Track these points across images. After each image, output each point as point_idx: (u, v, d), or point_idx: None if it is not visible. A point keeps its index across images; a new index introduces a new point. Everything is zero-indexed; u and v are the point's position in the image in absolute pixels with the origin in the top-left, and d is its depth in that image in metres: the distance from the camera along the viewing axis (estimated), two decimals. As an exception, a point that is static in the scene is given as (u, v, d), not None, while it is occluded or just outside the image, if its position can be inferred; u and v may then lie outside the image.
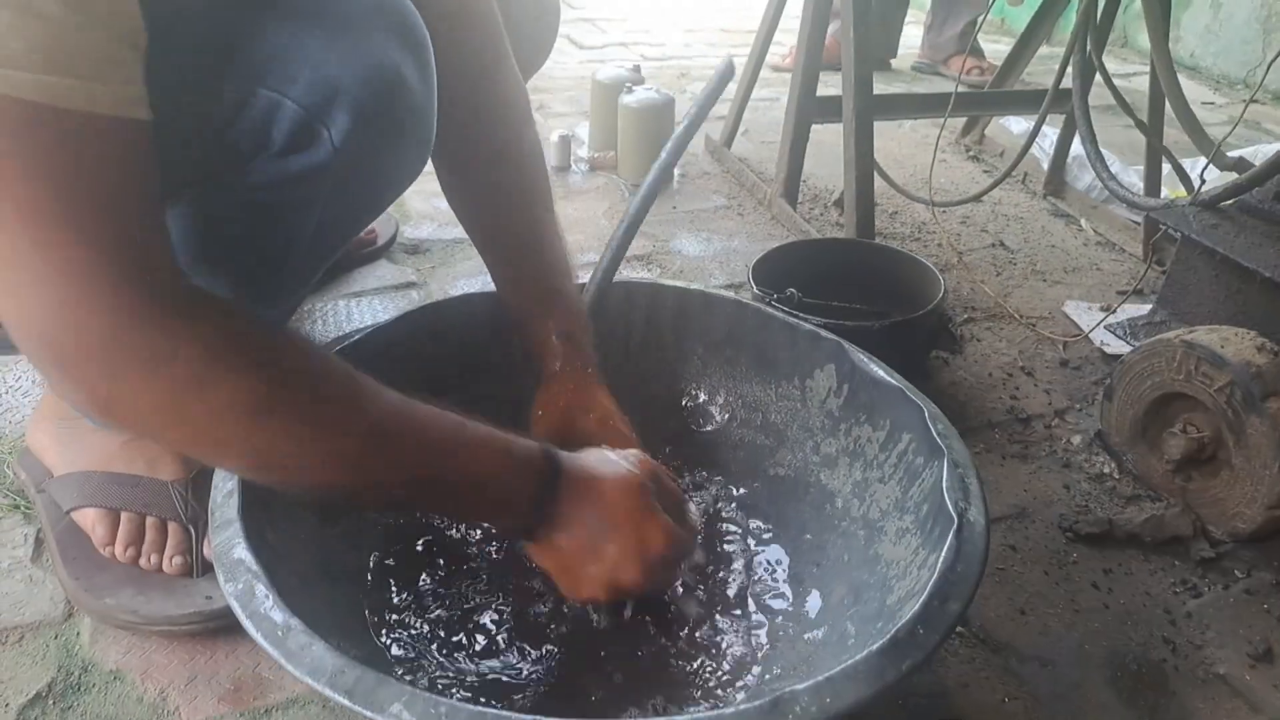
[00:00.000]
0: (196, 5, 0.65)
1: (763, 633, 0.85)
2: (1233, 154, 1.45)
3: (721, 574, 0.91)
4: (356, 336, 0.90)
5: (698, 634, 0.83)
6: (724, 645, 0.83)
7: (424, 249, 1.62)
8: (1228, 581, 1.02)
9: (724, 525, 0.97)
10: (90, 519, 0.88)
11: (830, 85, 1.63)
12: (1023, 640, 0.95)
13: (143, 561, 0.87)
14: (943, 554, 0.69)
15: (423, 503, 0.69)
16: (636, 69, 2.01)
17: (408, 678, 0.77)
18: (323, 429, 0.59)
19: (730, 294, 1.06)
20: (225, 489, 0.71)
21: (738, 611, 0.86)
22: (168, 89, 0.63)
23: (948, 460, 0.79)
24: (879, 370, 0.91)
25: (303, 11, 0.65)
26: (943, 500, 0.75)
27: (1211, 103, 2.69)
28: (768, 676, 0.80)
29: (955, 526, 0.71)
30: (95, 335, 0.51)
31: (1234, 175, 1.20)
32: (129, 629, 0.84)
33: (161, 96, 0.63)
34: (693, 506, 0.81)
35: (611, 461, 0.72)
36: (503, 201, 0.88)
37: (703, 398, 1.07)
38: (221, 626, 0.84)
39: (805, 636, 0.84)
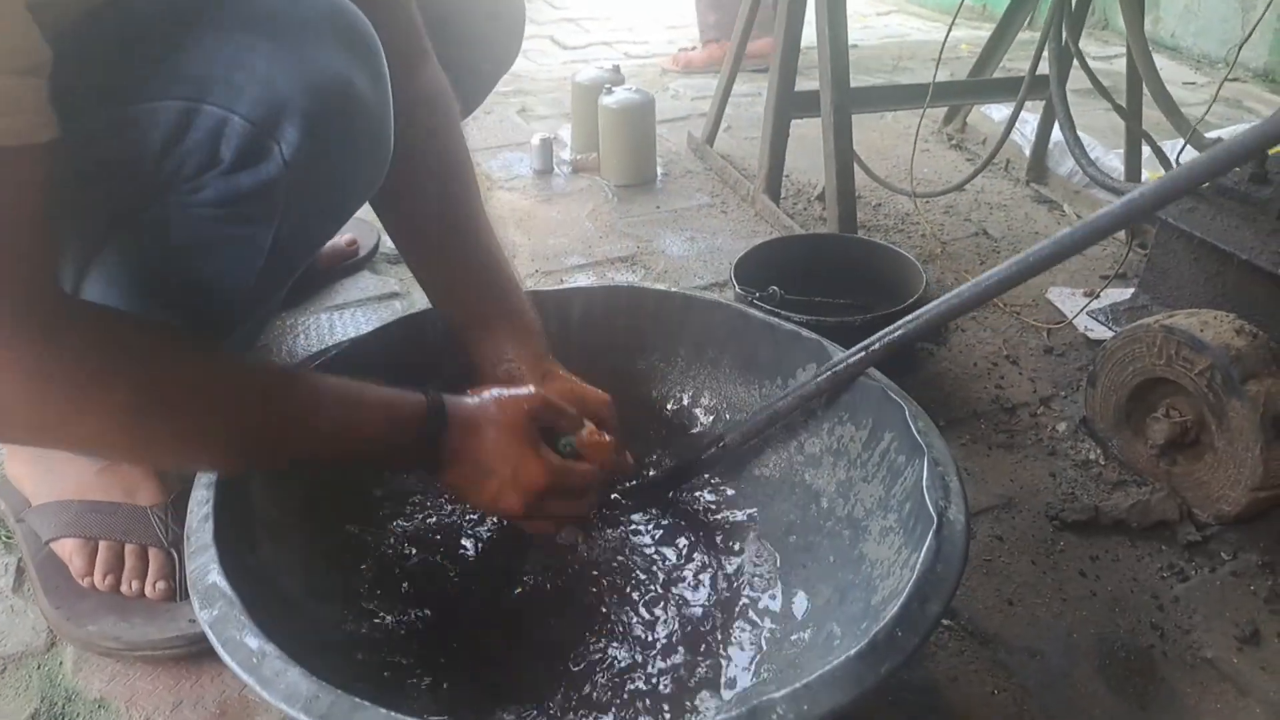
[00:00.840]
0: (136, 21, 0.65)
1: (748, 635, 0.85)
2: (1211, 135, 1.45)
3: (708, 575, 0.91)
4: (333, 352, 0.90)
5: (683, 637, 0.83)
6: (713, 648, 0.83)
7: (407, 258, 1.61)
8: (1214, 565, 1.02)
9: (712, 525, 0.97)
10: (68, 549, 0.87)
11: (810, 79, 1.63)
12: (1011, 631, 0.95)
13: (123, 588, 0.86)
14: (922, 554, 0.69)
15: (321, 465, 0.75)
16: (616, 69, 2.01)
17: (391, 694, 0.77)
18: (204, 424, 0.64)
19: (711, 296, 1.06)
20: (200, 513, 0.71)
21: (724, 614, 0.86)
22: (105, 109, 0.63)
23: (928, 458, 0.79)
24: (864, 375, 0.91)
25: (247, 23, 0.64)
26: (923, 499, 0.75)
27: (1193, 83, 2.68)
28: (754, 681, 0.80)
29: (935, 526, 0.71)
30: None
31: (1211, 157, 1.19)
32: (112, 656, 0.84)
33: (100, 117, 0.63)
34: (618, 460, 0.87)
35: (498, 400, 0.77)
36: (422, 212, 0.87)
37: (687, 400, 1.07)
38: (206, 649, 0.83)
39: (792, 638, 0.84)
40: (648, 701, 0.78)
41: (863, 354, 0.90)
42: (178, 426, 0.63)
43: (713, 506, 0.99)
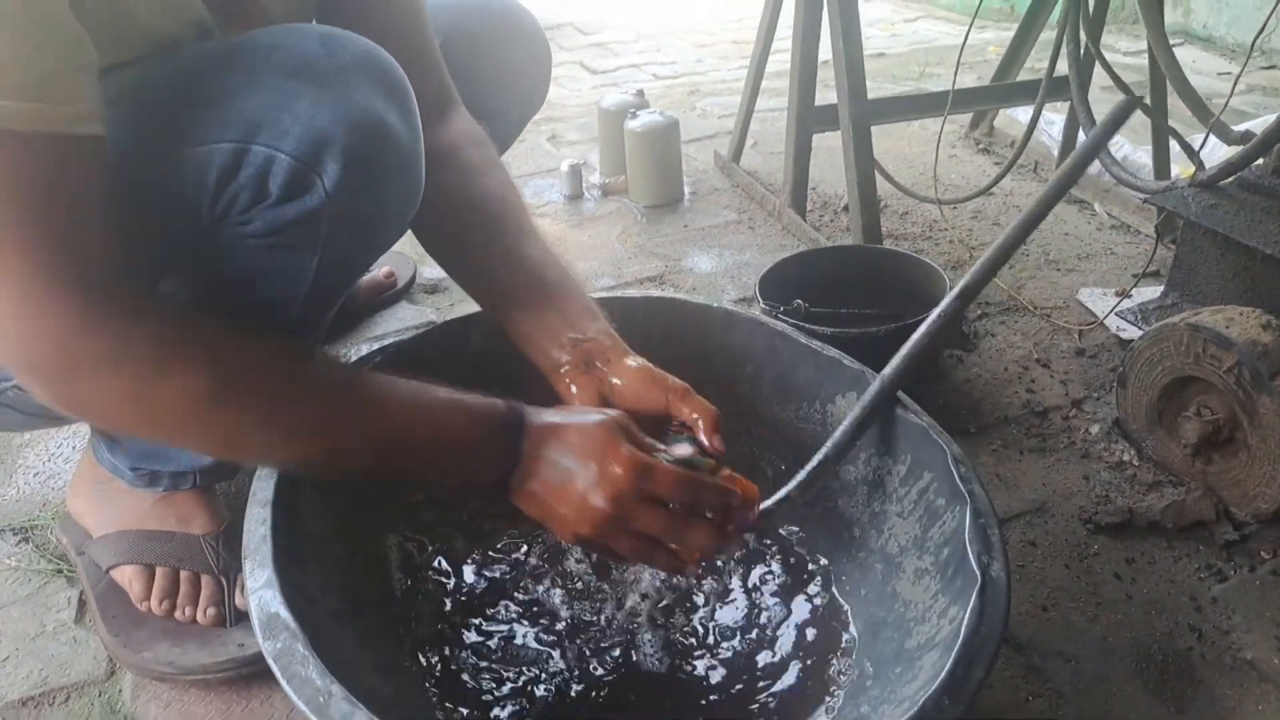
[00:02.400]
0: (187, 72, 0.71)
1: (782, 661, 0.86)
2: (1240, 127, 1.44)
3: (739, 598, 0.92)
4: (378, 358, 0.93)
5: (717, 668, 0.85)
6: (745, 678, 0.84)
7: (443, 288, 1.66)
8: (1253, 564, 1.01)
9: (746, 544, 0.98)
10: (127, 575, 0.93)
11: (831, 89, 1.64)
12: (1045, 637, 0.95)
13: (178, 614, 0.91)
14: (966, 615, 0.69)
15: (391, 470, 0.72)
16: (640, 93, 2.04)
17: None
18: (276, 410, 0.66)
19: (753, 313, 1.06)
20: (258, 534, 0.73)
21: (756, 637, 0.88)
22: (162, 153, 0.69)
23: (970, 509, 0.78)
24: (901, 406, 0.91)
25: (289, 70, 0.70)
26: (965, 551, 0.75)
27: (1227, 73, 2.64)
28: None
29: (979, 585, 0.71)
30: (50, 342, 0.58)
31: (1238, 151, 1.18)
32: (167, 680, 0.89)
33: (157, 161, 0.69)
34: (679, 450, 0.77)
35: (579, 410, 0.76)
36: (469, 240, 0.89)
37: (725, 413, 1.08)
38: (255, 672, 0.87)
39: (829, 671, 0.85)
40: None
41: (881, 383, 0.89)
42: (257, 415, 0.65)
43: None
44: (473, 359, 0.97)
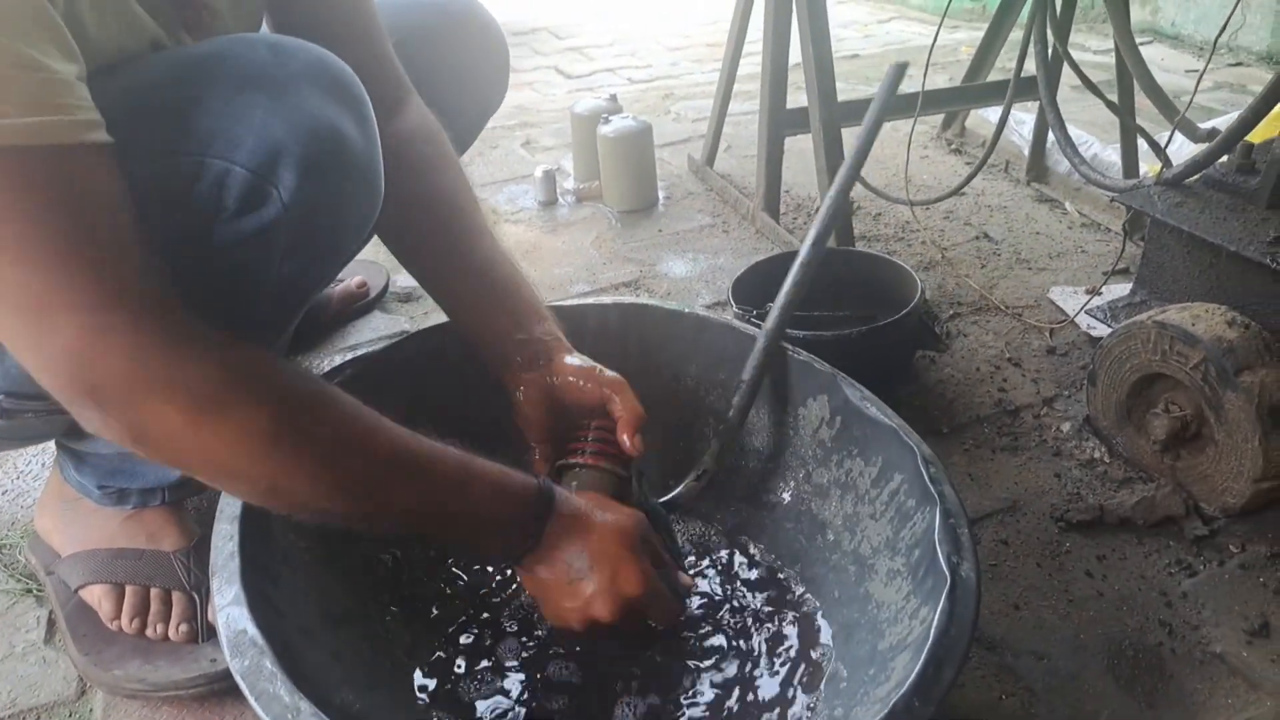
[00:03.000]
0: (138, 87, 0.69)
1: (760, 669, 0.86)
2: (1207, 124, 1.46)
3: (715, 600, 0.92)
4: (348, 370, 0.93)
5: (697, 671, 0.85)
6: (723, 682, 0.84)
7: (416, 296, 1.65)
8: (1222, 558, 1.02)
9: (715, 550, 0.98)
10: (97, 595, 0.91)
11: (803, 92, 1.64)
12: (1017, 635, 0.95)
13: (149, 632, 0.90)
14: (936, 615, 0.69)
15: (421, 533, 0.75)
16: (613, 98, 2.04)
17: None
18: (331, 461, 0.64)
19: (724, 318, 1.07)
20: (226, 550, 0.73)
21: (731, 643, 0.88)
22: (131, 165, 0.66)
23: (940, 510, 0.79)
24: (873, 408, 0.92)
25: (241, 81, 0.68)
26: (935, 552, 0.76)
27: (1194, 70, 2.66)
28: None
29: (949, 586, 0.71)
30: (115, 367, 0.56)
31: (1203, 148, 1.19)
32: (138, 697, 0.88)
33: (126, 172, 0.67)
34: (682, 576, 0.85)
35: (606, 506, 0.78)
36: (422, 238, 0.90)
37: (699, 420, 1.08)
38: (228, 688, 0.87)
39: (799, 675, 0.85)
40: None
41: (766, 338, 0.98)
42: (312, 465, 0.63)
43: (716, 530, 1.01)
44: (447, 369, 0.98)
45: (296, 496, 0.65)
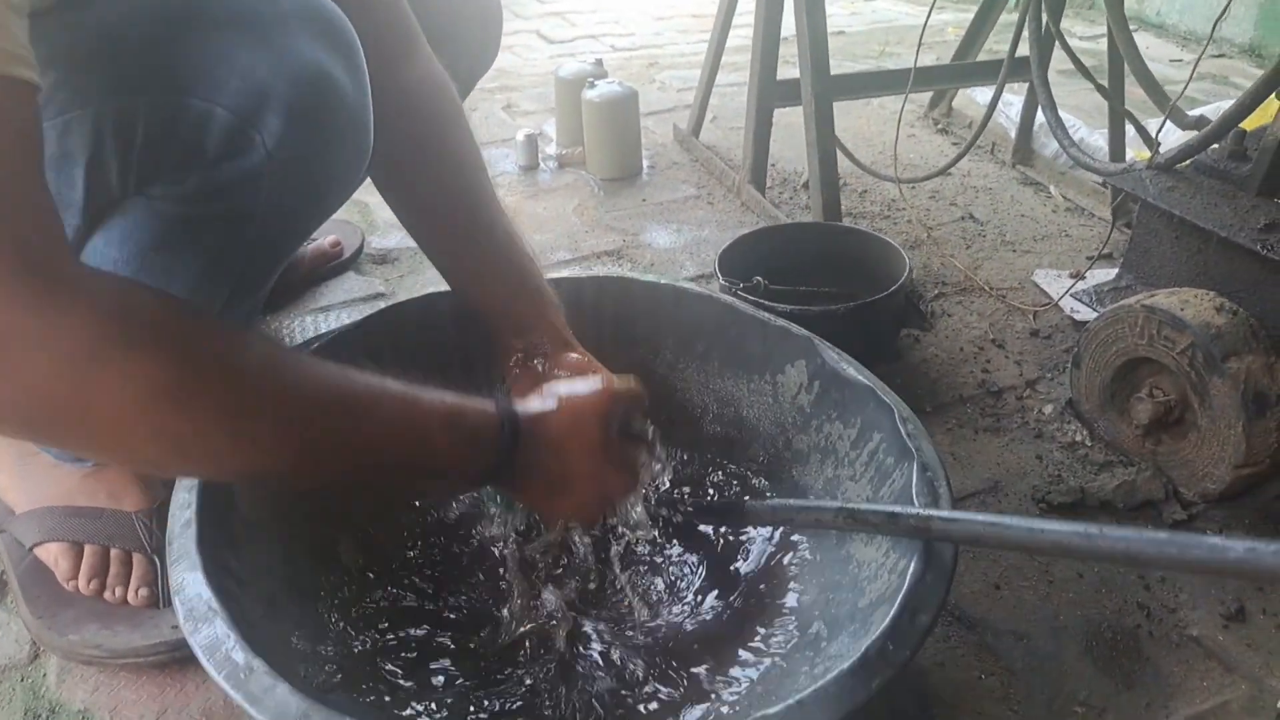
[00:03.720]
0: (117, 22, 0.65)
1: (739, 628, 0.85)
2: (1194, 112, 1.45)
3: (697, 568, 0.91)
4: (316, 344, 0.90)
5: (673, 631, 0.84)
6: (705, 646, 0.83)
7: (392, 258, 1.61)
8: (1200, 543, 1.03)
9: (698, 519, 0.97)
10: (53, 553, 0.88)
11: (791, 66, 1.62)
12: (997, 615, 0.95)
13: (107, 594, 0.87)
14: (912, 563, 0.68)
15: (371, 485, 0.67)
16: (599, 63, 2.00)
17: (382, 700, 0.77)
18: (243, 412, 0.54)
19: (701, 288, 1.06)
20: (182, 519, 0.70)
21: (714, 608, 0.87)
22: (89, 106, 0.63)
23: (917, 463, 0.78)
24: (850, 369, 0.90)
25: (227, 20, 0.65)
26: (912, 504, 0.75)
27: (1179, 60, 2.67)
28: (746, 687, 0.79)
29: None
30: None
31: (1195, 134, 1.19)
32: (95, 664, 0.85)
33: (84, 115, 0.63)
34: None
35: (570, 404, 0.71)
36: (431, 197, 0.86)
37: (677, 393, 1.07)
38: (189, 656, 0.83)
39: (777, 635, 0.84)
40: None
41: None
42: (221, 418, 0.54)
43: (699, 498, 0.99)
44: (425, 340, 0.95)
45: (205, 457, 0.55)
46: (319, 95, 0.67)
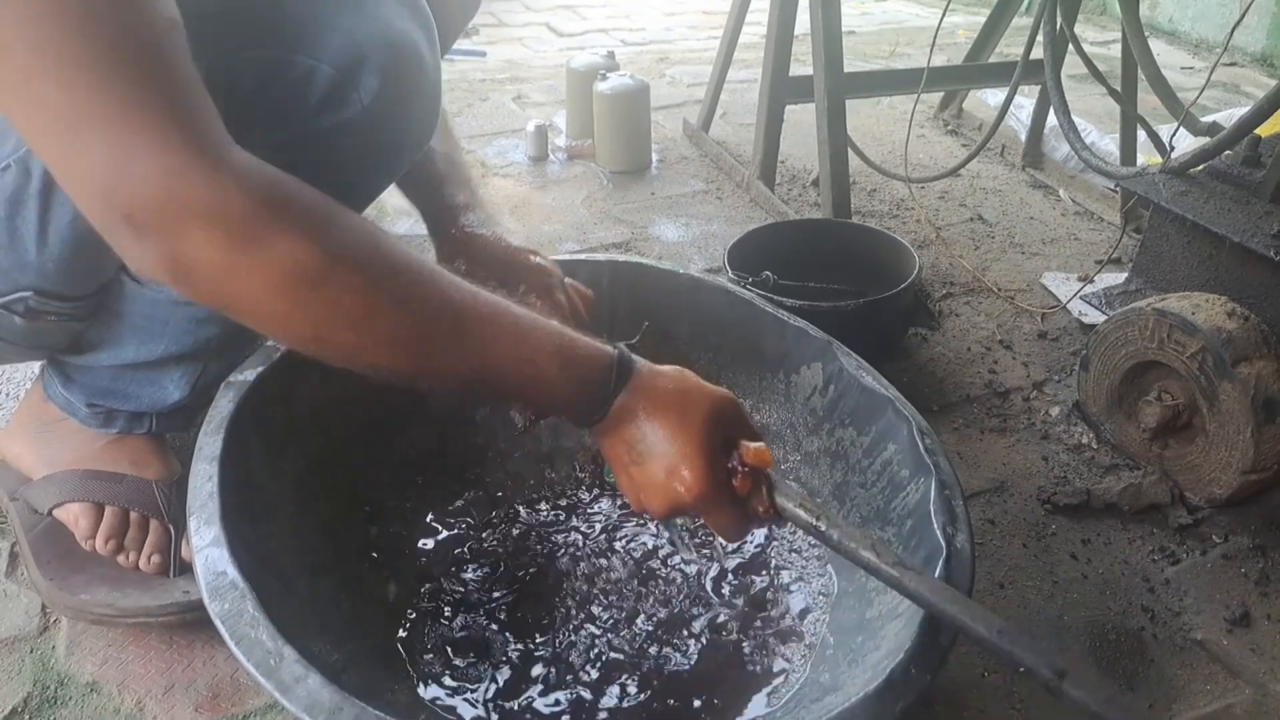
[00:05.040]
0: None
1: (748, 634, 0.85)
2: (1207, 119, 1.45)
3: (694, 563, 0.91)
4: None
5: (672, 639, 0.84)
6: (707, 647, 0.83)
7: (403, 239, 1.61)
8: (1205, 547, 1.03)
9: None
10: (74, 513, 0.88)
11: (804, 63, 1.62)
12: (1002, 614, 0.93)
13: (120, 558, 0.87)
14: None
15: (482, 392, 0.69)
16: (611, 55, 2.00)
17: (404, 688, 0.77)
18: (381, 309, 0.59)
19: (719, 280, 1.05)
20: (205, 490, 0.70)
21: (715, 607, 0.87)
22: (213, 59, 0.67)
23: (935, 480, 0.77)
24: (868, 377, 0.90)
25: None
26: (929, 522, 0.75)
27: (1191, 67, 2.67)
28: (767, 710, 0.79)
29: (945, 556, 0.71)
30: (151, 187, 0.52)
31: (1209, 140, 1.19)
32: (105, 623, 0.85)
33: (208, 65, 0.66)
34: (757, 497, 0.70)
35: (690, 385, 0.69)
36: None
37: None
38: (198, 619, 0.83)
39: (787, 642, 0.84)
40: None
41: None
42: (363, 305, 0.58)
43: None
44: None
45: (343, 345, 0.59)
46: (407, 60, 0.74)
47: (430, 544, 0.92)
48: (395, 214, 1.70)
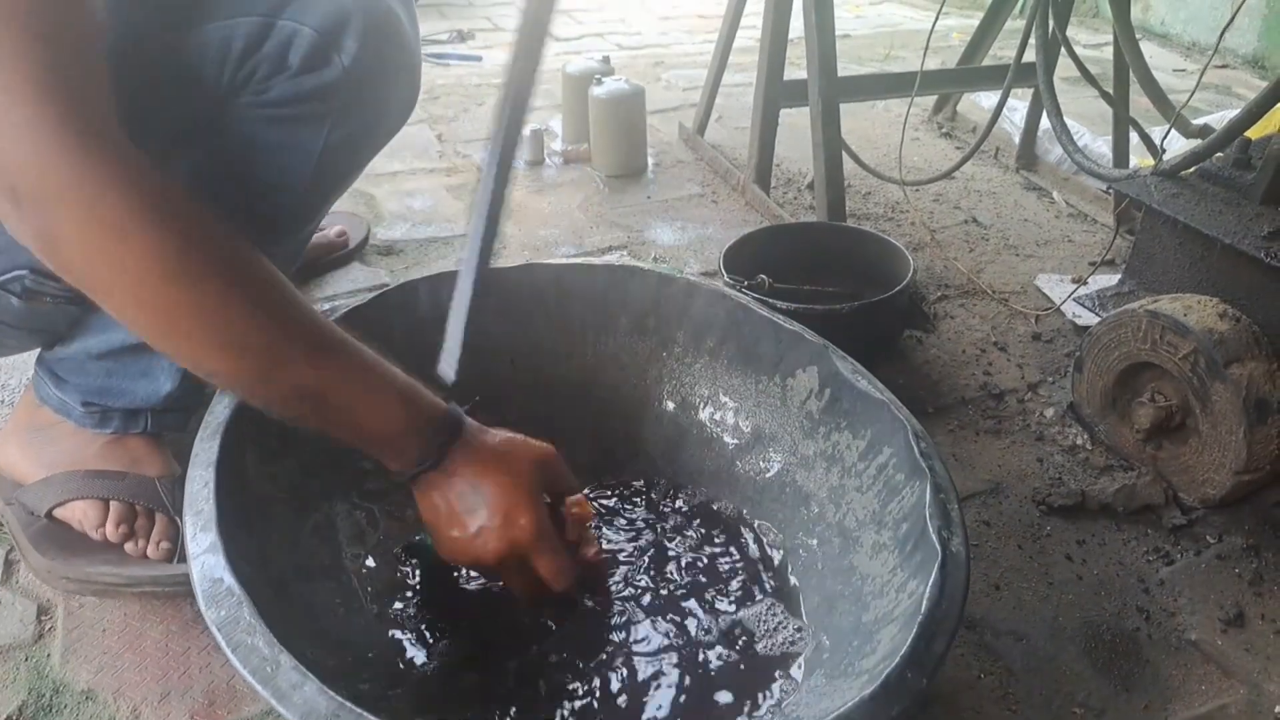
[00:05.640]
0: None
1: (739, 635, 0.85)
2: (1198, 121, 1.45)
3: (698, 567, 0.91)
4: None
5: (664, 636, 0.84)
6: (703, 649, 0.84)
7: (397, 249, 1.61)
8: (1199, 548, 1.03)
9: (700, 520, 0.97)
10: (79, 509, 0.88)
11: (798, 67, 1.63)
12: (997, 615, 0.95)
13: (130, 545, 0.87)
14: (928, 590, 0.68)
15: (313, 423, 0.68)
16: (606, 60, 2.01)
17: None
18: (231, 311, 0.60)
19: (715, 284, 1.05)
20: (201, 496, 0.70)
21: (713, 610, 0.87)
22: (179, 30, 0.73)
23: (930, 484, 0.78)
24: (863, 381, 0.90)
25: None
26: (925, 526, 0.75)
27: (1183, 70, 2.68)
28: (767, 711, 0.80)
29: (940, 560, 0.71)
30: (27, 162, 0.54)
31: (1200, 142, 1.19)
32: (111, 594, 0.85)
33: (174, 38, 0.73)
34: (587, 546, 0.80)
35: (513, 440, 0.74)
36: None
37: (684, 386, 1.07)
38: (194, 619, 0.84)
39: (779, 644, 0.84)
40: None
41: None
42: (211, 306, 0.60)
43: (698, 498, 1.00)
44: (420, 323, 0.95)
45: (191, 343, 0.61)
46: (388, 31, 0.79)
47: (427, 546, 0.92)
48: (391, 219, 1.71)
